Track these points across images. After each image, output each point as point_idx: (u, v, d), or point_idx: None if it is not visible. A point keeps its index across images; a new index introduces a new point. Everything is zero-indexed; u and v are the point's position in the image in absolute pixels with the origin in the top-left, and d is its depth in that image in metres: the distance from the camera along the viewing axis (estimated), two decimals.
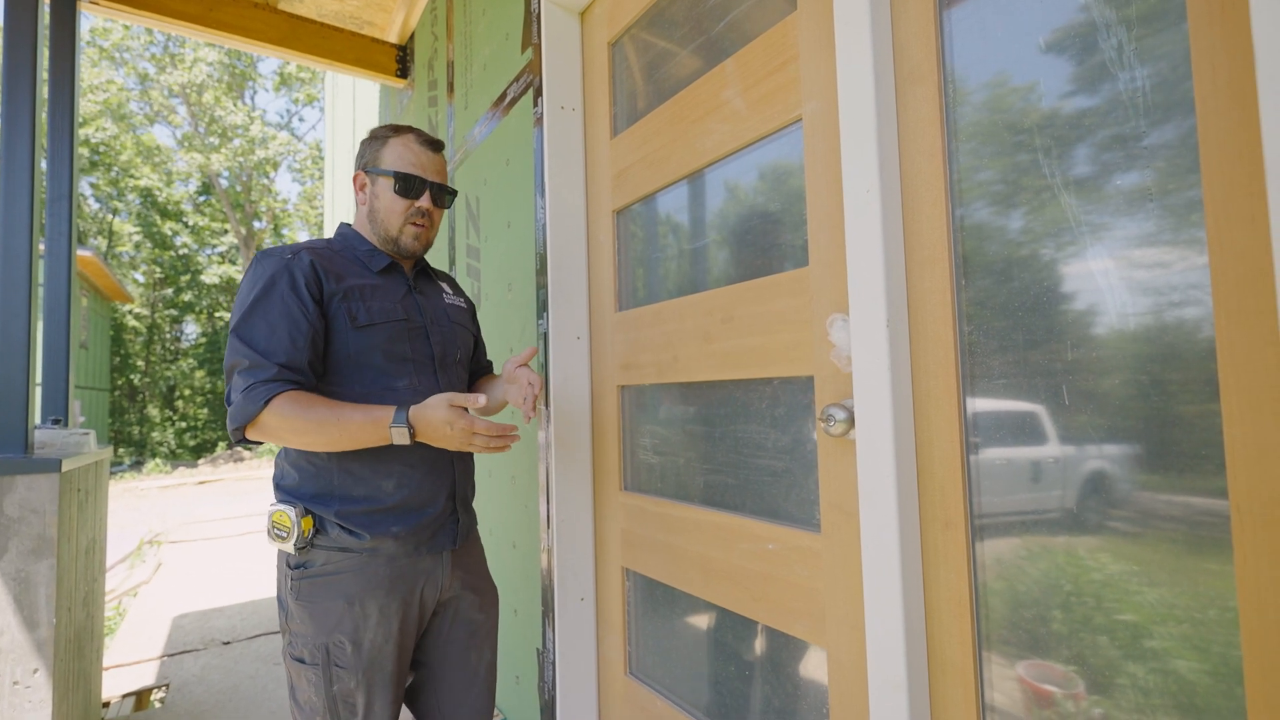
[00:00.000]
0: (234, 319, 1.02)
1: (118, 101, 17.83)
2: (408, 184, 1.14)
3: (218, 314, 21.11)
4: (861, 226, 0.83)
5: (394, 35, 2.98)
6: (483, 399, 0.98)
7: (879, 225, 0.80)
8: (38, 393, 1.79)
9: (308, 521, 1.03)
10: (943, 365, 0.78)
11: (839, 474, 0.92)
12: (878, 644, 0.80)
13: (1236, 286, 0.54)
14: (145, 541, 5.32)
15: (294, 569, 1.04)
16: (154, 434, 20.11)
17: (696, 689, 1.26)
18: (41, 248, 1.87)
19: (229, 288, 21.49)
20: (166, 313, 21.34)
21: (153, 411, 20.64)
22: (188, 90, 18.28)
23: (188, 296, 21.15)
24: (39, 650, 1.51)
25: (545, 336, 1.58)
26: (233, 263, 21.05)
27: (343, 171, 4.66)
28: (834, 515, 0.93)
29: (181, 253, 20.75)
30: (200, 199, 20.87)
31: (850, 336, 0.86)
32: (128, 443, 19.61)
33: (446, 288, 1.31)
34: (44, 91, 1.78)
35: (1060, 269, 0.68)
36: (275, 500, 1.08)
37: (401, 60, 3.05)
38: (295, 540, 1.01)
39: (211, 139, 19.12)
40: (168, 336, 22.07)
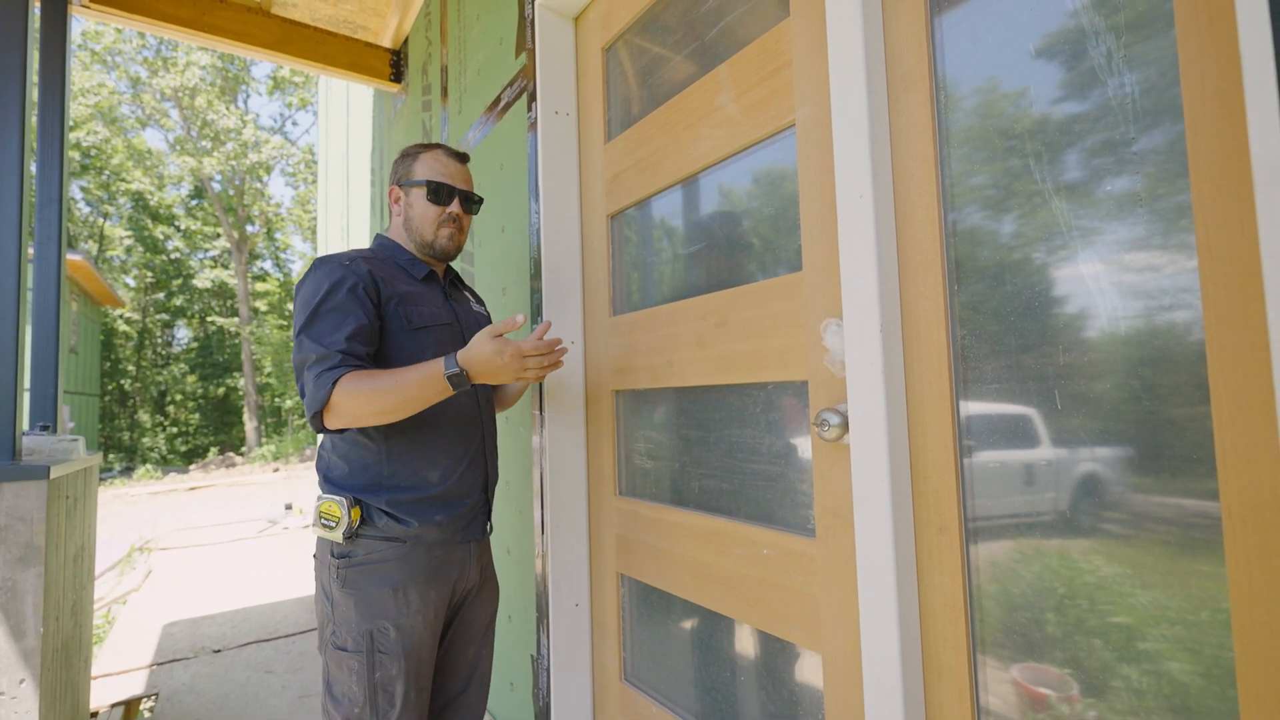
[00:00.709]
0: (299, 322, 1.08)
1: (109, 105, 17.74)
2: (439, 192, 1.22)
3: (210, 318, 20.98)
4: (855, 232, 0.83)
5: (388, 40, 2.98)
6: (521, 317, 1.03)
7: (872, 230, 0.81)
8: (25, 398, 1.77)
9: (356, 512, 1.08)
10: (936, 370, 0.78)
11: (833, 478, 0.92)
12: (873, 648, 0.80)
13: (1226, 292, 0.55)
14: (135, 548, 5.27)
15: (339, 558, 1.09)
16: (144, 439, 19.95)
17: (692, 695, 1.25)
18: (30, 252, 1.86)
19: (221, 292, 21.36)
20: (158, 317, 21.20)
21: (143, 417, 20.47)
22: (180, 94, 18.20)
23: (179, 301, 21.02)
24: (26, 660, 1.49)
25: None
26: (225, 267, 20.93)
27: (336, 175, 4.65)
28: (829, 520, 0.93)
29: (173, 257, 20.63)
30: (192, 203, 20.77)
31: (844, 341, 0.87)
32: (118, 448, 19.44)
33: (470, 297, 1.39)
34: (34, 95, 1.77)
35: (1052, 273, 0.68)
36: (323, 492, 1.13)
37: (395, 65, 3.05)
38: (344, 530, 1.06)
39: (204, 143, 19.02)
40: (159, 341, 21.92)
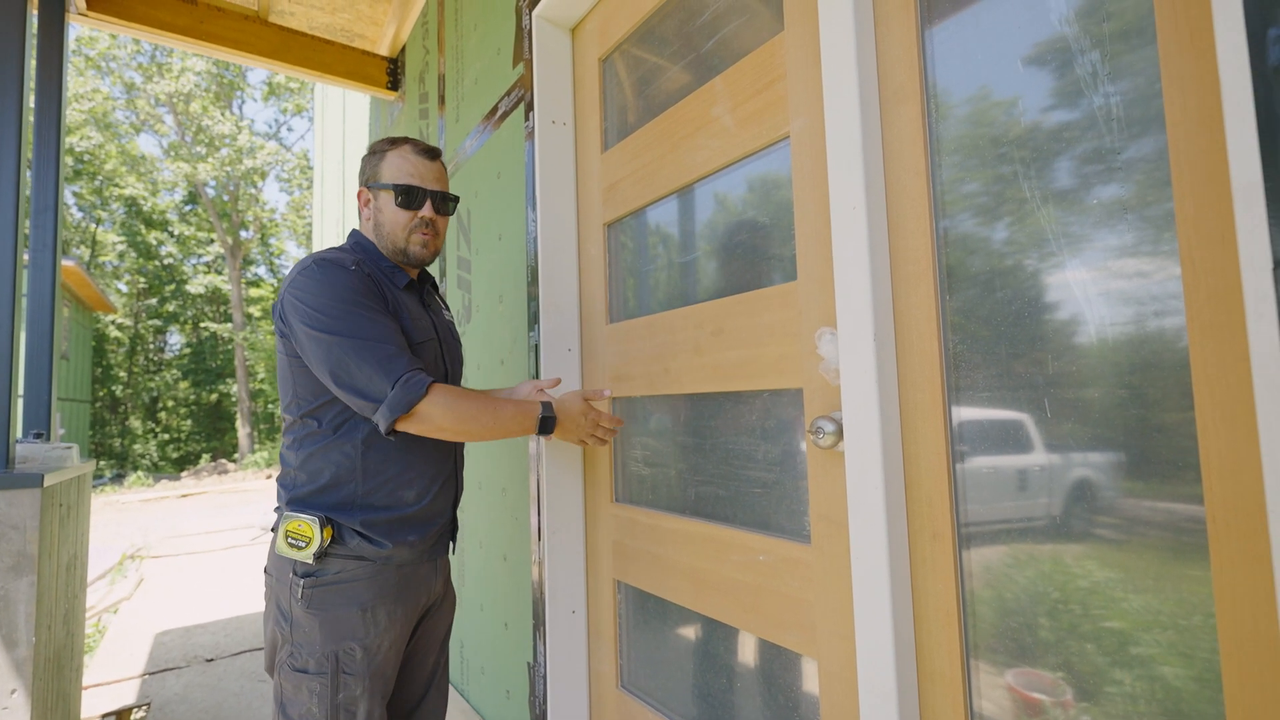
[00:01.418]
0: (320, 318, 1.00)
1: (103, 110, 17.69)
2: (409, 195, 1.14)
3: (202, 324, 20.85)
4: (848, 242, 0.84)
5: (385, 48, 3.00)
6: (609, 391, 1.12)
7: (865, 240, 0.82)
8: (19, 406, 1.77)
9: (329, 531, 1.03)
10: (929, 377, 0.79)
11: (828, 485, 0.93)
12: (868, 654, 0.81)
13: (1209, 302, 0.56)
14: (127, 556, 5.22)
15: (303, 577, 1.03)
16: (136, 446, 19.77)
17: (688, 701, 1.25)
18: (25, 258, 1.85)
19: (214, 298, 21.25)
20: (150, 323, 21.05)
21: (135, 423, 20.30)
22: (175, 99, 18.17)
23: (172, 306, 20.90)
24: (17, 670, 1.48)
25: (536, 349, 1.58)
26: (218, 272, 20.85)
27: (331, 181, 4.65)
28: (824, 526, 0.94)
29: (166, 262, 20.53)
30: (186, 208, 20.69)
31: (838, 349, 0.88)
32: (109, 455, 19.26)
33: (443, 304, 1.34)
34: (30, 102, 1.77)
35: (1042, 280, 0.70)
36: (289, 510, 1.05)
37: (392, 73, 3.06)
38: (315, 549, 1.02)
39: (199, 148, 18.99)
40: (151, 347, 21.76)
